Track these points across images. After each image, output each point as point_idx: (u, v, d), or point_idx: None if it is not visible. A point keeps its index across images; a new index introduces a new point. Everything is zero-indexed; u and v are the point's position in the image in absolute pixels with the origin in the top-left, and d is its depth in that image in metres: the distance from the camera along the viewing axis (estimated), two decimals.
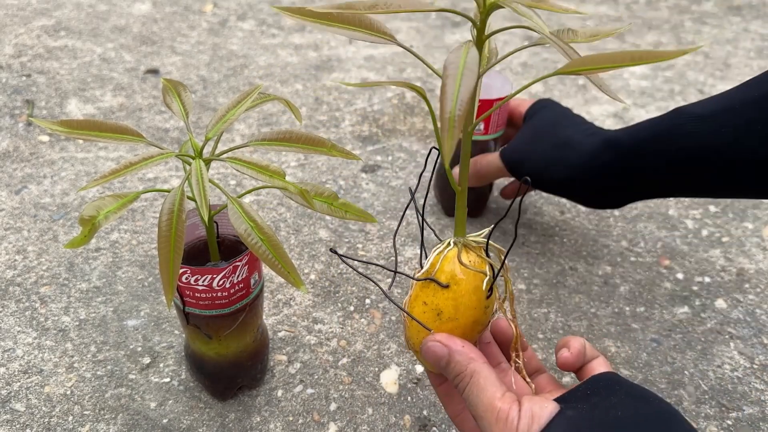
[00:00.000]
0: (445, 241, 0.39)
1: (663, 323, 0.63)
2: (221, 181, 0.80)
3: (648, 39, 1.26)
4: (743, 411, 0.54)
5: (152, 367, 0.57)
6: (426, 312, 0.39)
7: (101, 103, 0.97)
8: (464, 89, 0.27)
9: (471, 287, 0.38)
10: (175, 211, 0.37)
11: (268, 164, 0.40)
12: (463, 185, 0.38)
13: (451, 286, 0.38)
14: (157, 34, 1.20)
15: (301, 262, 0.69)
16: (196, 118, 0.94)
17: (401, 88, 1.04)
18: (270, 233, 0.39)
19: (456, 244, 0.39)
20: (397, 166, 0.85)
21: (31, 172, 0.81)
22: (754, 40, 1.26)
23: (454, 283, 0.38)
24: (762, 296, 0.66)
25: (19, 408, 0.53)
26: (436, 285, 0.38)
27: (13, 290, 0.64)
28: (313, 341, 0.60)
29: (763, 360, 0.59)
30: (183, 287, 0.45)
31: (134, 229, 0.72)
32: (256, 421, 0.52)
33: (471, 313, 0.38)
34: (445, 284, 0.38)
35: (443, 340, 0.37)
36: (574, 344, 0.39)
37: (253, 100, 0.43)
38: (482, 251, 0.39)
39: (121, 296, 0.64)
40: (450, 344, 0.37)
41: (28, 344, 0.58)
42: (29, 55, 1.09)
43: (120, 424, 0.52)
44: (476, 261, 0.38)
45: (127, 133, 0.41)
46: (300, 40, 1.20)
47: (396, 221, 0.75)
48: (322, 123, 0.94)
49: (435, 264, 0.39)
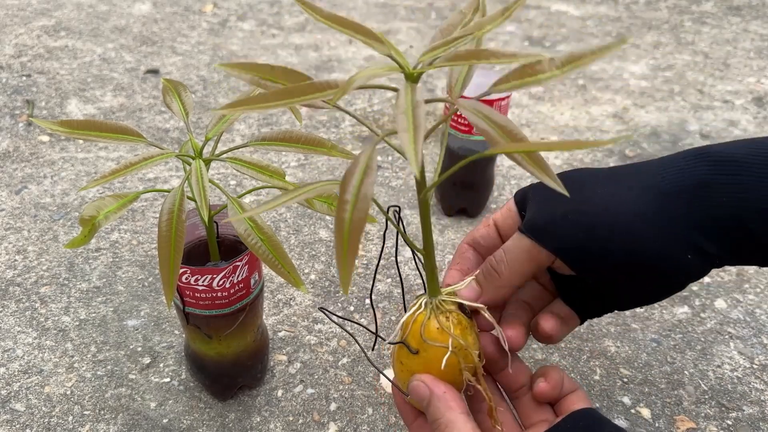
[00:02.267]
0: (418, 300, 0.38)
1: (663, 323, 0.63)
2: (221, 181, 0.80)
3: (648, 39, 1.26)
4: (743, 411, 0.54)
5: (152, 367, 0.57)
6: (402, 372, 0.39)
7: (101, 103, 0.97)
8: (360, 206, 0.25)
9: (440, 354, 0.37)
10: (175, 211, 0.37)
11: (268, 164, 0.40)
12: (428, 249, 0.37)
13: (420, 353, 0.37)
14: (157, 34, 1.20)
15: (301, 262, 0.69)
16: (196, 118, 0.94)
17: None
18: (270, 233, 0.39)
19: (427, 306, 0.38)
20: (397, 166, 0.85)
21: (32, 172, 0.81)
22: (754, 40, 1.26)
23: (423, 350, 0.37)
24: (762, 296, 0.66)
25: (19, 408, 0.53)
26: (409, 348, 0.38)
27: (13, 290, 0.64)
28: (313, 341, 0.60)
29: (763, 360, 0.59)
30: (183, 287, 0.45)
31: (134, 229, 0.72)
32: (256, 421, 0.52)
33: (445, 379, 0.37)
34: (415, 350, 0.37)
35: (428, 382, 0.37)
36: (552, 375, 0.38)
37: None
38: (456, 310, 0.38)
39: (121, 296, 0.64)
40: (433, 388, 0.36)
41: (28, 344, 0.58)
42: (29, 55, 1.09)
43: (120, 424, 0.52)
44: (443, 329, 0.37)
45: (127, 133, 0.41)
46: (300, 41, 1.20)
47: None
48: (322, 123, 0.94)
49: (407, 325, 0.38)
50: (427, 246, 0.37)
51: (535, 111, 1.00)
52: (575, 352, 0.59)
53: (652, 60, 1.17)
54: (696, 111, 1.00)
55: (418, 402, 0.37)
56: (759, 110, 1.01)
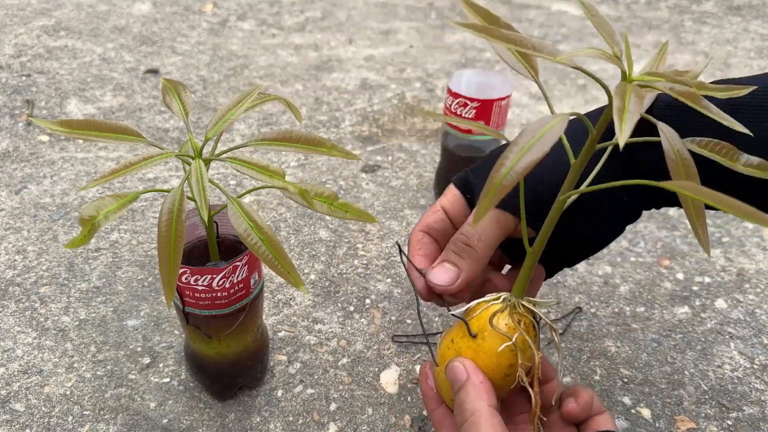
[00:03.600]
0: (500, 294, 0.39)
1: (663, 323, 0.63)
2: (221, 181, 0.80)
3: (648, 39, 1.26)
4: (743, 411, 0.54)
5: (152, 367, 0.57)
6: (449, 349, 0.39)
7: (101, 103, 0.97)
8: (523, 162, 0.25)
9: (495, 349, 0.37)
10: (175, 211, 0.37)
11: (268, 164, 0.40)
12: (536, 249, 0.37)
13: (477, 338, 0.37)
14: (157, 34, 1.20)
15: (301, 262, 0.68)
16: (196, 118, 0.94)
17: (402, 88, 1.04)
18: (270, 233, 0.39)
19: (506, 301, 0.38)
20: (397, 166, 0.85)
21: (31, 172, 0.81)
22: (754, 40, 1.26)
23: (482, 337, 0.37)
24: (762, 296, 0.66)
25: (19, 408, 0.53)
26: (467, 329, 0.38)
27: (13, 290, 0.64)
28: (313, 341, 0.60)
29: (763, 360, 0.59)
30: (183, 287, 0.45)
31: (134, 229, 0.72)
32: (256, 421, 0.52)
33: (486, 373, 0.37)
34: (473, 333, 0.37)
35: (468, 368, 0.37)
36: (583, 396, 0.38)
37: (253, 100, 0.43)
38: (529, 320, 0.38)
39: (121, 296, 0.64)
40: (471, 374, 0.36)
41: (28, 344, 0.58)
42: (29, 55, 1.09)
43: (120, 424, 0.52)
44: (512, 326, 0.37)
45: (127, 133, 0.41)
46: (300, 40, 1.20)
47: (396, 221, 0.75)
48: (322, 123, 0.94)
49: (476, 309, 0.38)
50: (537, 247, 0.37)
51: (536, 111, 1.00)
52: (575, 352, 0.59)
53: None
54: None
55: (453, 382, 0.37)
56: None
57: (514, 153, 0.26)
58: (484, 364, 0.37)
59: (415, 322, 0.61)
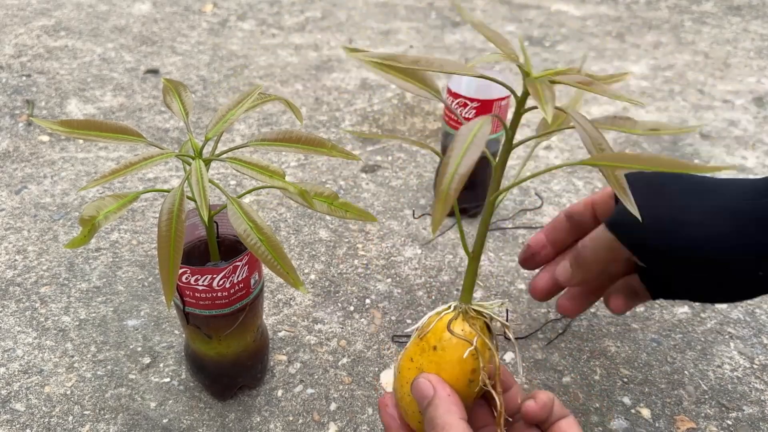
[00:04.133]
0: (449, 304, 0.39)
1: (663, 323, 0.63)
2: (221, 181, 0.80)
3: (648, 39, 1.26)
4: (743, 411, 0.54)
5: (152, 367, 0.57)
6: (409, 370, 0.38)
7: (101, 103, 0.97)
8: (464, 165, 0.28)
9: (456, 357, 0.37)
10: (175, 211, 0.37)
11: (268, 164, 0.40)
12: (476, 252, 0.38)
13: (437, 350, 0.37)
14: (157, 34, 1.20)
15: (301, 262, 0.69)
16: (196, 118, 0.94)
17: (401, 89, 1.04)
18: (269, 233, 0.39)
19: (456, 309, 0.38)
20: (397, 166, 0.85)
21: (31, 172, 0.81)
22: (754, 40, 1.26)
23: (441, 348, 0.37)
24: (762, 296, 0.66)
25: (19, 408, 0.53)
26: (426, 344, 0.38)
27: (13, 290, 0.64)
28: (313, 341, 0.60)
29: (763, 360, 0.59)
30: (183, 287, 0.45)
31: (134, 229, 0.72)
32: (256, 421, 0.52)
33: (451, 383, 0.37)
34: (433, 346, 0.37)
35: (434, 382, 0.36)
36: (541, 396, 0.38)
37: (253, 100, 0.43)
38: (482, 323, 0.38)
39: (121, 296, 0.64)
40: (438, 387, 0.36)
41: (28, 344, 0.58)
42: (29, 55, 1.09)
43: (120, 424, 0.52)
44: (469, 331, 0.37)
45: (127, 133, 0.41)
46: (300, 40, 1.20)
47: (396, 221, 0.75)
48: (322, 123, 0.94)
49: (430, 323, 0.38)
50: (477, 250, 0.38)
51: (536, 111, 1.00)
52: (575, 352, 0.59)
53: (652, 60, 1.17)
54: (696, 111, 1.00)
55: (420, 399, 0.37)
56: (759, 110, 1.01)
57: (454, 158, 0.29)
58: (448, 376, 0.37)
59: (415, 323, 0.61)
